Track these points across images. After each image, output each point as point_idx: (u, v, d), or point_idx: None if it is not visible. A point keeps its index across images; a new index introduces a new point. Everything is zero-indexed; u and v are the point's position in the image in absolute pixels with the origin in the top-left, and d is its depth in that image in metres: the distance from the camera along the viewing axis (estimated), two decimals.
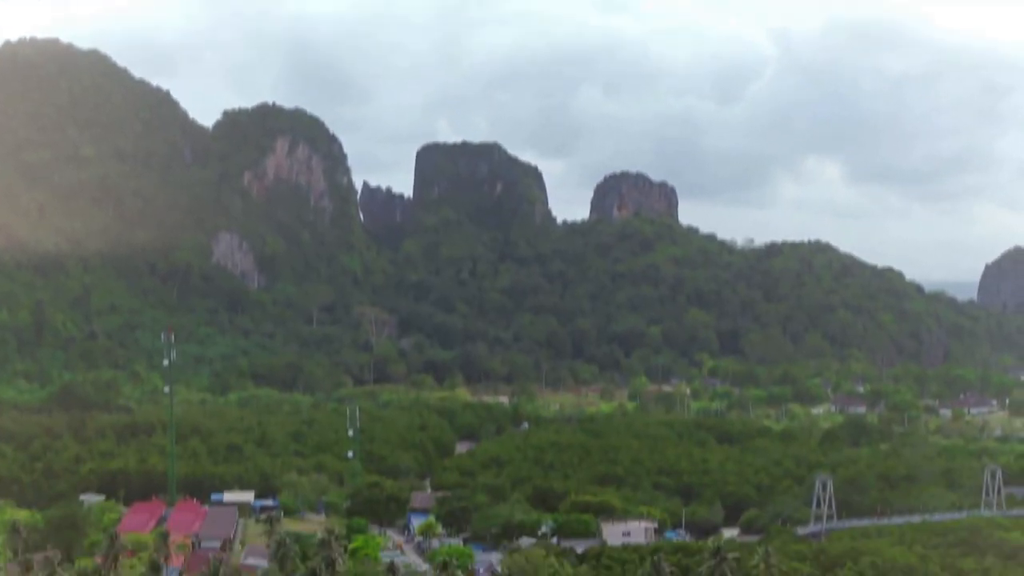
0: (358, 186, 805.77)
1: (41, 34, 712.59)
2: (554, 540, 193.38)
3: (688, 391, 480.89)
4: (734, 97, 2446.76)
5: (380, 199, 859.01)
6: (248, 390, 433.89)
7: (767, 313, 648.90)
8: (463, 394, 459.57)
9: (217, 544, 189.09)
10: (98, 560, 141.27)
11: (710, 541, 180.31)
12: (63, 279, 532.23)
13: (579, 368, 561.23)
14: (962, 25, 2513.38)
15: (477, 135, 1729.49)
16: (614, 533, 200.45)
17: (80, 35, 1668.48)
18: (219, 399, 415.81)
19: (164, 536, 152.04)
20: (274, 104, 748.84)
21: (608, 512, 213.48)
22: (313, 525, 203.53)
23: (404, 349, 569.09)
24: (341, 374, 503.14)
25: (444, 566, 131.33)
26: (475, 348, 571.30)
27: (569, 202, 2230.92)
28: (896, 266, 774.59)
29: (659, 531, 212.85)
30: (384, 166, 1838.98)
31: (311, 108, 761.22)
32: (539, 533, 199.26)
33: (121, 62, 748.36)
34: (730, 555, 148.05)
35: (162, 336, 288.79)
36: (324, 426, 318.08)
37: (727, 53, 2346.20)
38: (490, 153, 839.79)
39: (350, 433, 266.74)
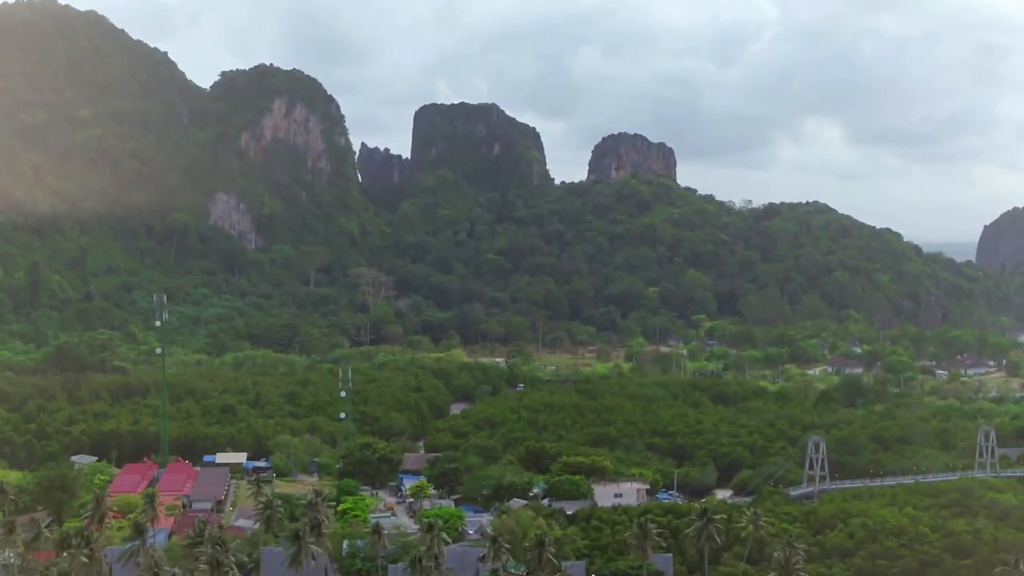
0: (356, 147, 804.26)
1: None
2: (545, 501, 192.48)
3: (685, 352, 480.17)
4: (733, 59, 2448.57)
5: (378, 160, 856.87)
6: (244, 351, 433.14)
7: (765, 274, 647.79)
8: (459, 355, 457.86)
9: (208, 505, 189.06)
10: (85, 522, 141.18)
11: (698, 503, 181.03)
12: (59, 240, 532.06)
13: (576, 329, 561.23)
14: None
15: (477, 96, 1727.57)
16: (605, 494, 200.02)
17: None
18: (215, 360, 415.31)
19: (150, 497, 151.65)
20: (271, 65, 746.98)
21: (600, 473, 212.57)
22: (305, 487, 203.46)
23: (401, 310, 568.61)
24: (337, 335, 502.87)
25: (429, 527, 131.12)
26: (472, 309, 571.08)
27: (568, 163, 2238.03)
28: (895, 227, 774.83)
29: (651, 492, 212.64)
30: (384, 127, 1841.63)
31: (310, 70, 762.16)
32: (530, 494, 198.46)
33: (119, 23, 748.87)
34: (717, 517, 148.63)
35: (154, 297, 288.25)
36: (319, 387, 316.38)
37: (726, 14, 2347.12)
38: (488, 114, 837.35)
39: (342, 394, 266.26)
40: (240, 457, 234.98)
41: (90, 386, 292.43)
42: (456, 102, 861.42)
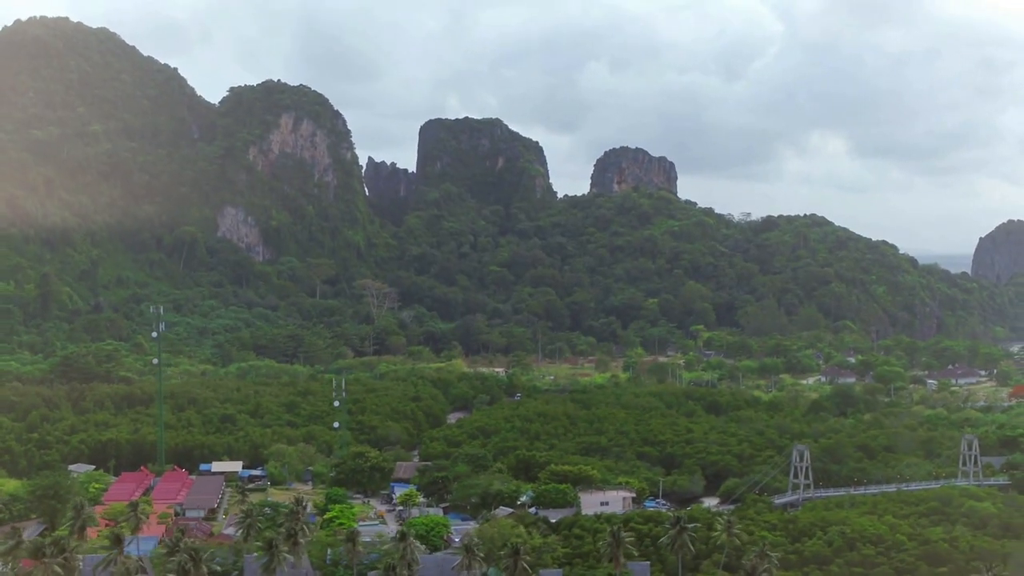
0: (364, 161, 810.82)
1: (51, 12, 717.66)
2: (532, 510, 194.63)
3: (682, 362, 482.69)
4: (739, 73, 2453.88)
5: (384, 174, 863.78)
6: (249, 361, 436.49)
7: (763, 285, 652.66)
8: (460, 365, 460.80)
9: (201, 513, 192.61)
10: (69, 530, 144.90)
11: (671, 511, 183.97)
12: (70, 252, 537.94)
13: (576, 340, 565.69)
14: (963, 1, 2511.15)
15: (486, 111, 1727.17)
16: (591, 503, 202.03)
17: (90, 14, 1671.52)
18: (220, 370, 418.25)
19: (135, 506, 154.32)
20: (279, 81, 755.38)
21: (587, 482, 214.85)
22: (299, 495, 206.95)
23: (405, 321, 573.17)
24: (341, 346, 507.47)
25: (402, 536, 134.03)
26: (474, 320, 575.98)
27: (576, 176, 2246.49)
28: (895, 239, 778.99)
29: (638, 501, 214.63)
30: (396, 141, 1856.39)
31: (322, 85, 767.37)
32: (518, 503, 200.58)
33: (130, 40, 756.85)
34: (691, 525, 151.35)
35: (151, 308, 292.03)
36: (318, 397, 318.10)
37: (732, 30, 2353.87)
38: (492, 128, 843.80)
39: (335, 404, 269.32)
40: (236, 466, 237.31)
41: (94, 396, 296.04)
42: (461, 117, 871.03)
